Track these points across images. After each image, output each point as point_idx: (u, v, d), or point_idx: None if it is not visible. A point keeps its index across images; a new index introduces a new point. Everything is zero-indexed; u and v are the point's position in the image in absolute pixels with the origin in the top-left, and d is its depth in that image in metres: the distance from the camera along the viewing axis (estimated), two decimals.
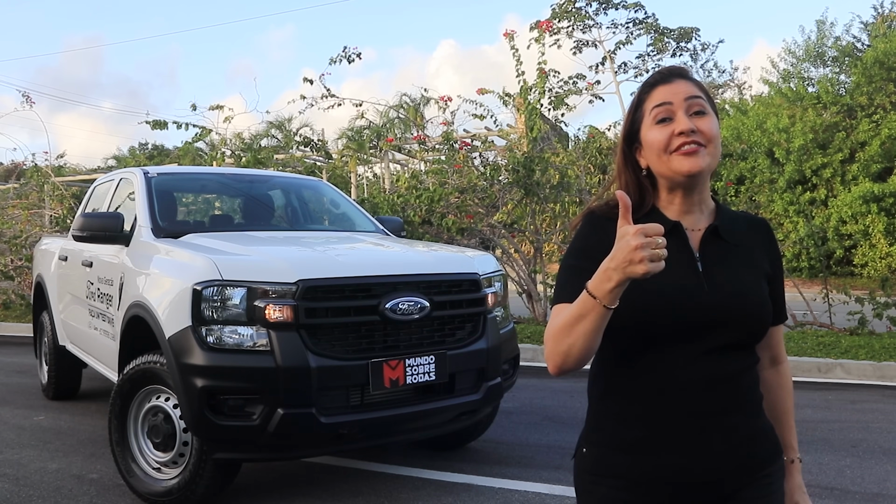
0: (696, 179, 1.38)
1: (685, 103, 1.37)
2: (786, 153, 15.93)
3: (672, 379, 1.35)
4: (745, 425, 1.38)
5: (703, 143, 1.35)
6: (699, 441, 1.34)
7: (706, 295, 1.35)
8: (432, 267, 3.86)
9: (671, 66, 1.45)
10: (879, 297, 7.43)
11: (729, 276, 1.39)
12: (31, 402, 5.96)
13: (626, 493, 1.37)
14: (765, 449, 1.42)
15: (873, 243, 15.34)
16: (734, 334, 1.37)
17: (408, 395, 3.57)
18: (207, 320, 3.30)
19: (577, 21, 10.51)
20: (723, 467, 1.36)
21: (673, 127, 1.36)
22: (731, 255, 1.42)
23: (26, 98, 11.90)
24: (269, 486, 3.91)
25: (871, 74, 15.94)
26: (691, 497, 1.36)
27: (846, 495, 3.62)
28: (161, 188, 4.68)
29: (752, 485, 1.39)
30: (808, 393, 5.88)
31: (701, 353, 1.35)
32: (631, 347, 1.37)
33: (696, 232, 1.42)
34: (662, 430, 1.35)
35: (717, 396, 1.35)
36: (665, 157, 1.37)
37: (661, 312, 1.33)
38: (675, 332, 1.34)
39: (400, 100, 19.18)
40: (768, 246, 1.49)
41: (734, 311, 1.35)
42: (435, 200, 8.63)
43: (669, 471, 1.35)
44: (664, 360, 1.35)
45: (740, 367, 1.39)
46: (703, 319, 1.34)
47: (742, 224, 1.48)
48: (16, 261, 11.39)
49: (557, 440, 4.62)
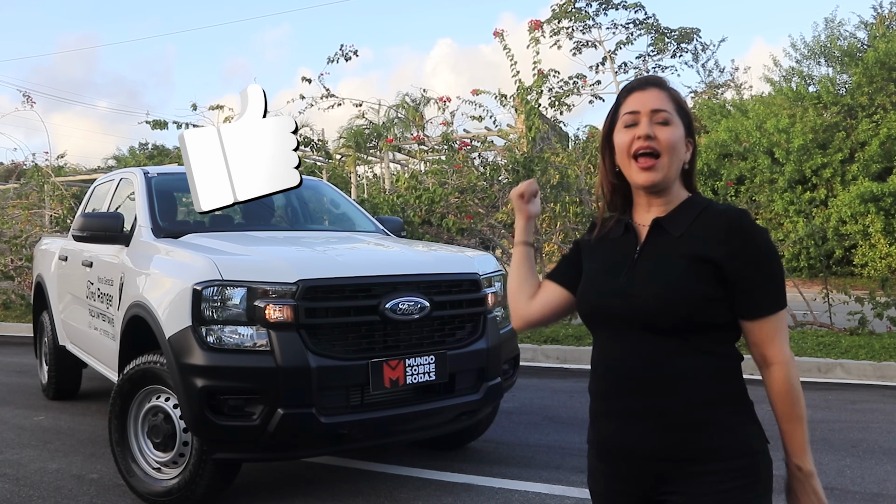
0: (651, 190, 1.51)
1: (651, 113, 1.49)
2: (786, 153, 15.93)
3: (607, 363, 1.51)
4: (674, 414, 1.41)
5: (659, 150, 1.48)
6: (632, 421, 1.45)
7: (624, 285, 1.47)
8: (432, 267, 3.86)
9: (650, 76, 1.62)
10: (879, 297, 7.43)
11: (654, 266, 1.46)
12: (31, 402, 5.96)
13: (598, 461, 1.55)
14: (701, 442, 1.39)
15: (873, 243, 15.33)
16: (659, 324, 1.42)
17: (408, 395, 3.57)
18: (207, 320, 3.30)
19: (578, 21, 10.50)
20: (648, 448, 1.43)
21: (635, 132, 1.50)
22: (670, 246, 1.47)
23: (27, 98, 11.91)
24: (269, 486, 3.91)
25: (871, 74, 15.94)
26: (639, 471, 1.46)
27: (846, 495, 3.62)
28: (161, 188, 4.68)
29: (690, 478, 1.39)
30: (808, 393, 5.86)
31: (631, 341, 1.46)
32: (592, 332, 1.58)
33: (645, 227, 1.53)
34: (607, 408, 1.51)
35: (648, 382, 1.44)
36: (627, 160, 1.51)
37: (591, 302, 1.55)
38: (607, 319, 1.51)
39: (401, 100, 19.20)
40: (726, 236, 1.41)
41: (650, 303, 1.43)
42: (435, 201, 8.64)
43: (613, 444, 1.49)
44: (607, 344, 1.52)
45: (669, 354, 1.42)
46: (619, 307, 1.47)
47: (704, 216, 1.47)
48: (16, 261, 11.39)
49: (557, 440, 4.62)
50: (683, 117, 1.52)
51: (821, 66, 18.59)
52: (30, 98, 11.92)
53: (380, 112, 14.55)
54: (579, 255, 1.65)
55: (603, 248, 1.58)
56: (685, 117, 1.53)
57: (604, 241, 1.60)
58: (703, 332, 1.42)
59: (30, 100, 11.90)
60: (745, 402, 1.46)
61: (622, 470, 1.48)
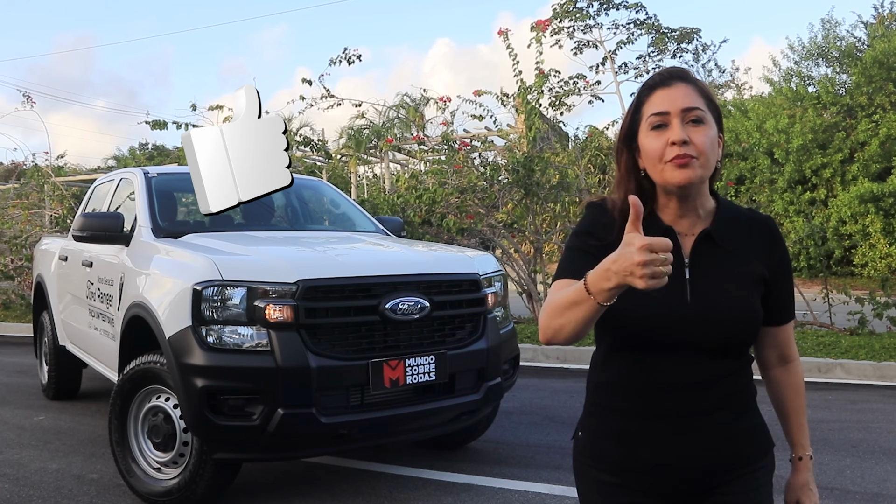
0: (688, 189, 1.37)
1: (682, 113, 1.35)
2: (785, 153, 15.93)
3: (651, 382, 1.39)
4: (726, 425, 1.39)
5: (695, 154, 1.33)
6: (674, 440, 1.38)
7: (689, 307, 1.35)
8: (432, 267, 3.86)
9: (671, 68, 1.42)
10: (879, 297, 7.43)
11: (715, 285, 1.37)
12: (31, 402, 5.96)
13: (612, 477, 1.43)
14: (750, 447, 1.42)
15: (873, 243, 15.33)
16: (716, 344, 1.37)
17: (408, 395, 3.56)
18: (207, 320, 3.30)
19: (579, 21, 10.49)
20: (700, 463, 1.38)
21: (667, 136, 1.35)
22: (723, 261, 1.39)
23: (27, 98, 11.90)
24: (269, 486, 3.90)
25: (870, 74, 15.94)
26: (674, 485, 1.40)
27: (846, 495, 3.62)
28: (161, 188, 4.68)
29: (737, 479, 1.40)
30: (808, 393, 5.82)
31: (682, 359, 1.37)
32: (618, 346, 1.42)
33: (689, 237, 1.41)
34: (640, 427, 1.40)
35: (695, 399, 1.38)
36: (659, 165, 1.36)
37: (643, 319, 1.35)
38: (656, 338, 1.36)
39: (401, 100, 19.20)
40: (770, 246, 1.44)
41: (715, 325, 1.36)
42: (435, 201, 8.63)
43: (647, 463, 1.39)
44: (645, 363, 1.39)
45: (723, 373, 1.39)
46: (683, 329, 1.35)
47: (742, 225, 1.44)
48: (16, 261, 11.38)
49: (557, 440, 4.61)
50: (714, 112, 1.39)
51: (820, 67, 18.59)
52: (30, 98, 11.92)
53: (380, 112, 14.55)
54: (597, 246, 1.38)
55: None
56: (715, 111, 1.39)
57: None
58: (746, 346, 1.45)
59: (30, 100, 11.90)
60: (757, 403, 1.49)
61: (657, 486, 1.40)
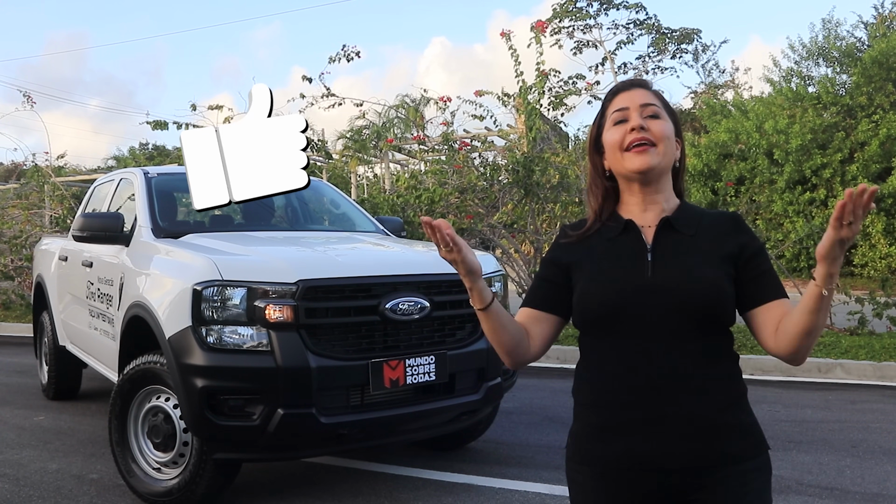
0: (647, 175, 1.48)
1: (640, 108, 1.50)
2: (784, 154, 15.93)
3: (625, 373, 1.42)
4: (706, 417, 1.38)
5: (653, 140, 1.47)
6: (651, 431, 1.39)
7: (648, 280, 1.42)
8: (432, 267, 3.86)
9: (634, 79, 1.62)
10: (879, 297, 7.43)
11: (678, 261, 1.44)
12: (31, 402, 5.96)
13: (597, 481, 1.45)
14: (735, 444, 1.40)
15: (873, 243, 15.33)
16: (686, 319, 1.39)
17: (408, 395, 3.57)
18: (207, 320, 3.30)
19: (579, 20, 10.51)
20: (680, 459, 1.38)
21: (627, 126, 1.49)
22: (685, 244, 1.47)
23: (27, 98, 11.89)
24: (269, 486, 3.91)
25: (870, 74, 15.93)
26: (658, 483, 1.39)
27: (846, 495, 3.62)
28: (161, 188, 4.68)
29: (725, 480, 1.38)
30: (809, 393, 5.88)
31: (654, 346, 1.40)
32: (590, 342, 1.50)
33: (650, 228, 1.49)
34: (617, 421, 1.42)
35: (672, 389, 1.39)
36: (620, 154, 1.49)
37: (605, 297, 1.44)
38: (619, 317, 1.42)
39: (400, 100, 19.21)
40: (735, 232, 1.49)
41: (675, 293, 1.39)
42: (435, 201, 8.63)
43: (627, 458, 1.41)
44: (619, 352, 1.43)
45: (699, 362, 1.40)
46: (643, 303, 1.41)
47: (706, 217, 1.52)
48: (16, 261, 11.38)
49: (557, 440, 4.61)
50: (671, 116, 1.53)
51: (820, 67, 18.59)
52: (30, 98, 11.90)
53: (380, 112, 14.57)
54: (561, 270, 1.54)
55: (600, 249, 1.51)
56: (673, 116, 1.53)
57: (594, 241, 1.52)
58: (722, 333, 1.45)
59: (30, 100, 11.89)
60: (747, 402, 1.48)
61: (640, 484, 1.40)
